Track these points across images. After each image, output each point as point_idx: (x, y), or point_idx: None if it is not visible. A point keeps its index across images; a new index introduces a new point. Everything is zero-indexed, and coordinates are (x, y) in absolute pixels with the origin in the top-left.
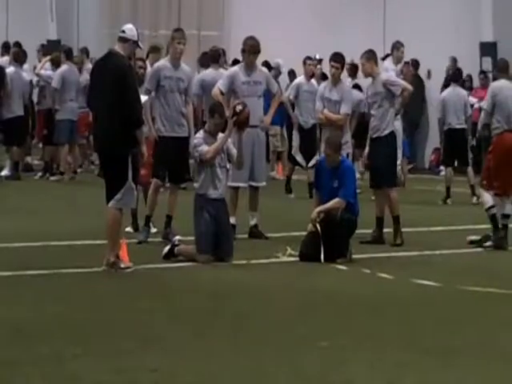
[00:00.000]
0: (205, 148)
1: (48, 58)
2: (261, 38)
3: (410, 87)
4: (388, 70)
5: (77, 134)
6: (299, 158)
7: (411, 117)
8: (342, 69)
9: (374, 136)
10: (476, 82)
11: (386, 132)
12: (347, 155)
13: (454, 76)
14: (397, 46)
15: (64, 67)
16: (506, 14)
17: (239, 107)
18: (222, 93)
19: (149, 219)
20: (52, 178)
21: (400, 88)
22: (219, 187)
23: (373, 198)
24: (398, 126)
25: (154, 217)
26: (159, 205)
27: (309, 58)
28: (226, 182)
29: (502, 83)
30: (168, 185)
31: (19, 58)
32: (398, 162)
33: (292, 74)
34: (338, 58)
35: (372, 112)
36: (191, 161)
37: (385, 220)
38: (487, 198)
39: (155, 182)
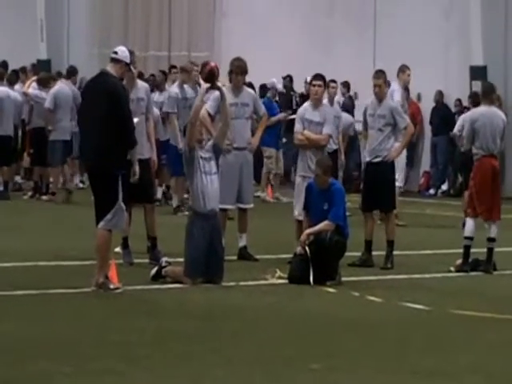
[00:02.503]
0: None
1: (34, 77)
2: (251, 60)
3: (412, 128)
4: (394, 92)
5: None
6: None
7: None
8: (325, 87)
9: (376, 161)
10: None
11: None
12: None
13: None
14: (402, 69)
15: (56, 87)
16: (496, 38)
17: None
18: (209, 115)
19: (126, 240)
20: (44, 198)
21: (405, 123)
22: (210, 199)
23: (379, 222)
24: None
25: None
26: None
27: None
28: (217, 194)
29: (481, 110)
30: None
31: (3, 76)
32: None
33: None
34: (319, 77)
35: (370, 132)
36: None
37: (374, 242)
38: (469, 227)
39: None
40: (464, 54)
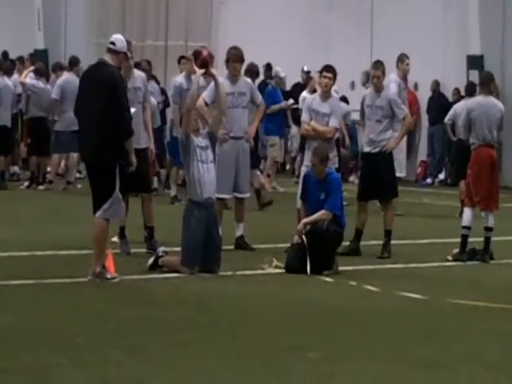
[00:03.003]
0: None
1: (31, 67)
2: (248, 50)
3: (410, 118)
4: (391, 84)
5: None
6: None
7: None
8: (334, 80)
9: (375, 151)
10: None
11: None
12: (336, 170)
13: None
14: (401, 59)
15: (63, 77)
16: (493, 27)
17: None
18: (206, 104)
19: (123, 230)
20: (40, 187)
21: (404, 113)
22: (206, 188)
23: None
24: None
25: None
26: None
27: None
28: (213, 183)
29: (478, 100)
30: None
31: (2, 67)
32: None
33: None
34: (329, 68)
35: (368, 123)
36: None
37: (372, 231)
38: (466, 216)
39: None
40: (461, 43)
